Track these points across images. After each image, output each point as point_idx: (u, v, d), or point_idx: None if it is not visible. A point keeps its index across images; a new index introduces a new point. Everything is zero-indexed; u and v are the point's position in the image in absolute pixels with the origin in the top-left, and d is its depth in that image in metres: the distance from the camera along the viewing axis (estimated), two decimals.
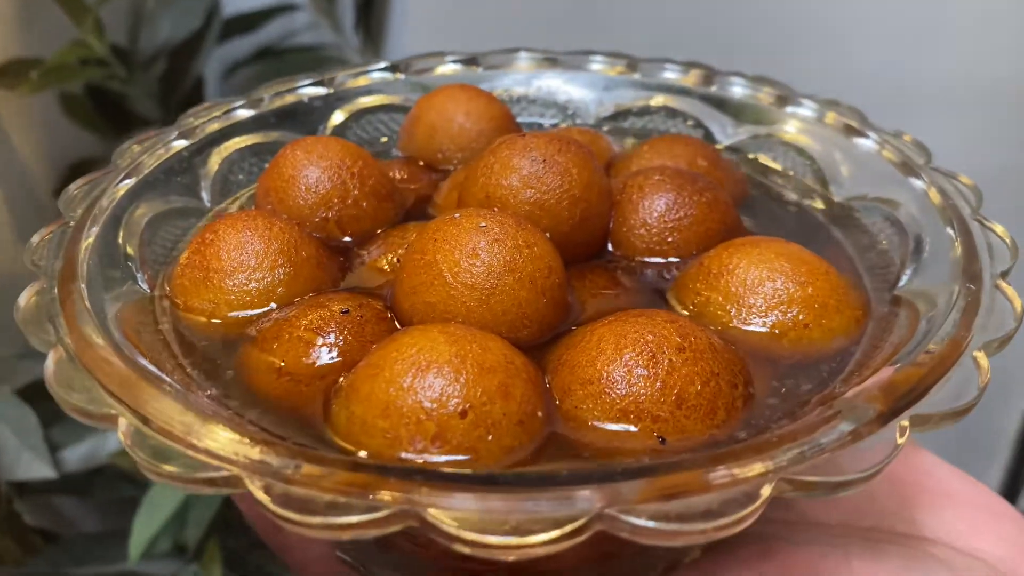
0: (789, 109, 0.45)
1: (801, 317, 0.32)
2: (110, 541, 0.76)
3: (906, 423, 0.25)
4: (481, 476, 0.24)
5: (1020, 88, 0.79)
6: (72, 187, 0.37)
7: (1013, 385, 0.95)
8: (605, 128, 0.51)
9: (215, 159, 0.43)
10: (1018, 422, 1.05)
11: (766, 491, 0.22)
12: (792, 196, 0.43)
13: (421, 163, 0.46)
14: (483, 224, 0.32)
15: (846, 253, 0.38)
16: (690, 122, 0.49)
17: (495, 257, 0.31)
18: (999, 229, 0.33)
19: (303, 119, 0.48)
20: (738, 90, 0.47)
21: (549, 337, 0.32)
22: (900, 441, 0.24)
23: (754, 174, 0.45)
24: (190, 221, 0.41)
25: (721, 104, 0.48)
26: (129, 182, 0.38)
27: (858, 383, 0.29)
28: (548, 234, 0.34)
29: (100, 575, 0.74)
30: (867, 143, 0.41)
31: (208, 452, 0.24)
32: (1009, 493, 1.05)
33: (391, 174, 0.45)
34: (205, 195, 0.42)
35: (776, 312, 0.32)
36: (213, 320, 0.34)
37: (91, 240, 0.34)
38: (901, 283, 0.34)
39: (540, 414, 0.28)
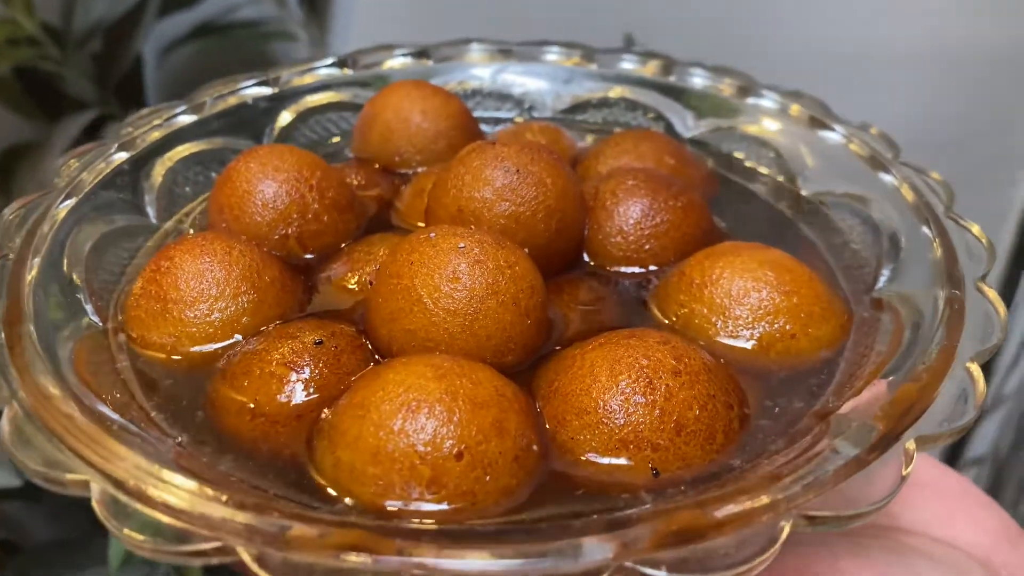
0: (751, 100, 0.45)
1: (788, 327, 0.31)
2: (74, 548, 0.73)
3: (912, 445, 0.24)
4: (491, 531, 0.23)
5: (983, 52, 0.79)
6: (7, 212, 0.34)
7: None
8: (563, 121, 0.49)
9: (158, 170, 0.41)
10: None
11: (784, 531, 0.22)
12: (759, 191, 0.43)
13: (377, 166, 0.44)
14: (462, 244, 0.30)
15: (819, 253, 0.38)
16: (651, 115, 0.48)
17: (477, 280, 0.29)
18: (975, 229, 0.33)
19: (249, 122, 0.45)
20: (698, 81, 0.46)
21: (533, 360, 0.31)
22: (906, 472, 0.24)
23: (719, 168, 0.45)
24: (137, 241, 0.38)
25: (681, 95, 0.47)
26: (69, 203, 0.36)
27: (851, 396, 0.29)
28: (523, 244, 0.33)
29: None
30: (834, 136, 0.41)
31: (194, 519, 0.22)
32: None
33: (348, 180, 0.43)
34: (151, 211, 0.40)
35: (763, 324, 0.31)
36: (174, 356, 0.32)
37: (34, 273, 0.32)
38: (879, 285, 0.34)
39: (535, 448, 0.27)
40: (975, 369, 0.27)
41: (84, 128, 0.70)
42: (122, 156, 0.39)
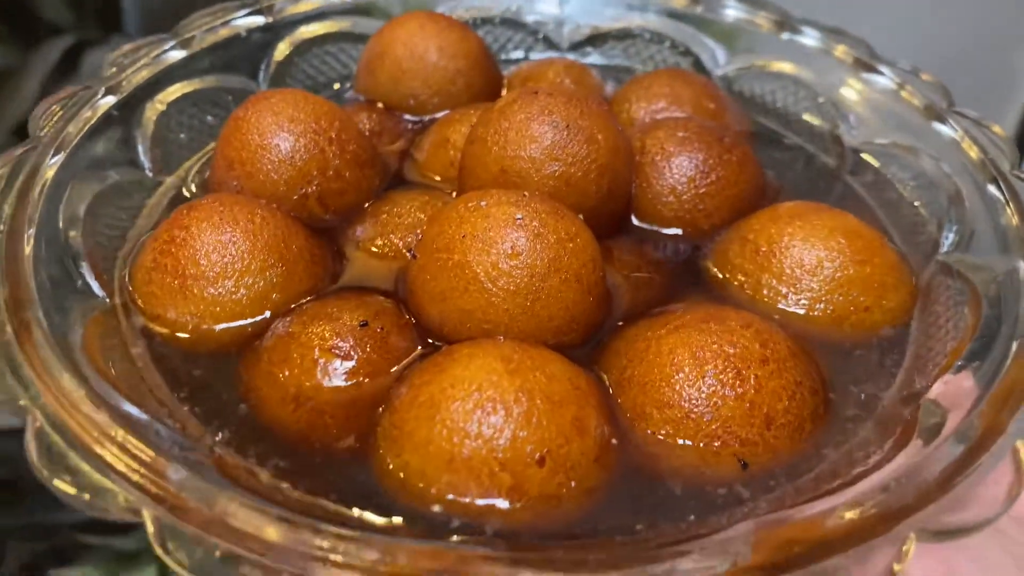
0: (787, 36, 0.42)
1: (862, 299, 0.30)
2: None
3: (1020, 444, 0.23)
4: (601, 557, 0.21)
5: None
6: None
7: None
8: (581, 55, 0.46)
9: (150, 115, 0.37)
10: None
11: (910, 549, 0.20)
12: (798, 141, 0.40)
13: (383, 106, 0.41)
14: (519, 216, 0.27)
15: (871, 211, 0.36)
16: (679, 49, 0.45)
17: (538, 256, 0.27)
18: None
19: (242, 58, 0.41)
20: (731, 13, 0.43)
21: (595, 338, 0.29)
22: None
23: (754, 113, 0.42)
24: (134, 199, 0.34)
25: (711, 28, 0.44)
26: (58, 159, 0.32)
27: (937, 377, 0.27)
28: (573, 208, 0.30)
29: (73, 522, 0.68)
30: (883, 80, 0.38)
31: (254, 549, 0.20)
32: None
33: (359, 119, 0.39)
34: (145, 162, 0.36)
35: (837, 295, 0.29)
36: (196, 336, 0.28)
37: (31, 245, 0.28)
38: (943, 249, 0.33)
39: (615, 442, 0.25)
40: None
41: (62, 53, 0.64)
42: (109, 100, 0.35)
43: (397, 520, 0.23)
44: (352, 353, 0.27)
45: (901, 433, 0.25)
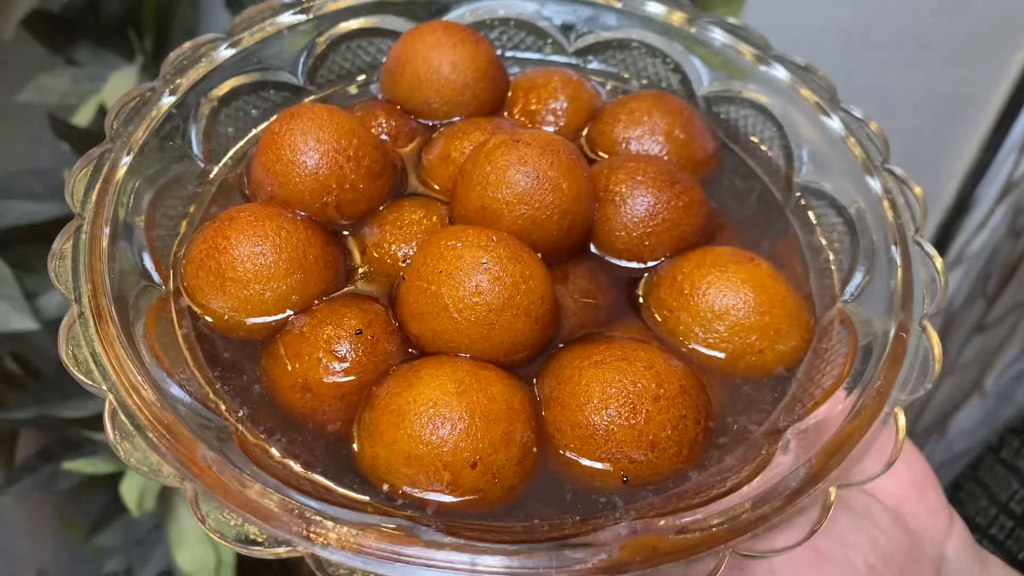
0: (764, 69, 0.47)
1: (757, 344, 0.37)
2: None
3: (833, 490, 0.31)
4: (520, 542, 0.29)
5: None
6: (75, 172, 0.38)
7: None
8: (584, 60, 0.51)
9: (203, 110, 0.44)
10: (933, 230, 1.13)
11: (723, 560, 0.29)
12: (757, 167, 0.46)
13: (402, 108, 0.47)
14: (484, 261, 0.35)
15: (798, 249, 0.42)
16: (669, 64, 0.50)
17: (495, 296, 0.34)
18: (938, 263, 0.37)
19: (283, 52, 0.47)
20: (718, 38, 0.48)
21: (541, 354, 0.37)
22: (824, 520, 0.30)
23: (726, 138, 0.48)
24: (187, 188, 0.42)
25: (700, 50, 0.49)
26: (128, 159, 0.39)
27: (796, 420, 0.35)
28: (537, 242, 0.37)
29: (81, 416, 0.79)
30: (835, 126, 0.44)
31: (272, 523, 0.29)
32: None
33: (377, 123, 0.46)
34: (198, 153, 0.43)
35: (737, 339, 0.37)
36: (232, 324, 0.37)
37: (106, 243, 0.36)
38: (844, 296, 0.39)
39: (535, 450, 0.33)
40: (900, 417, 0.33)
41: None
42: (169, 100, 0.42)
43: (364, 497, 0.32)
44: (347, 356, 0.35)
45: (758, 464, 0.33)
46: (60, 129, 0.76)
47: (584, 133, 0.47)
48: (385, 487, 0.32)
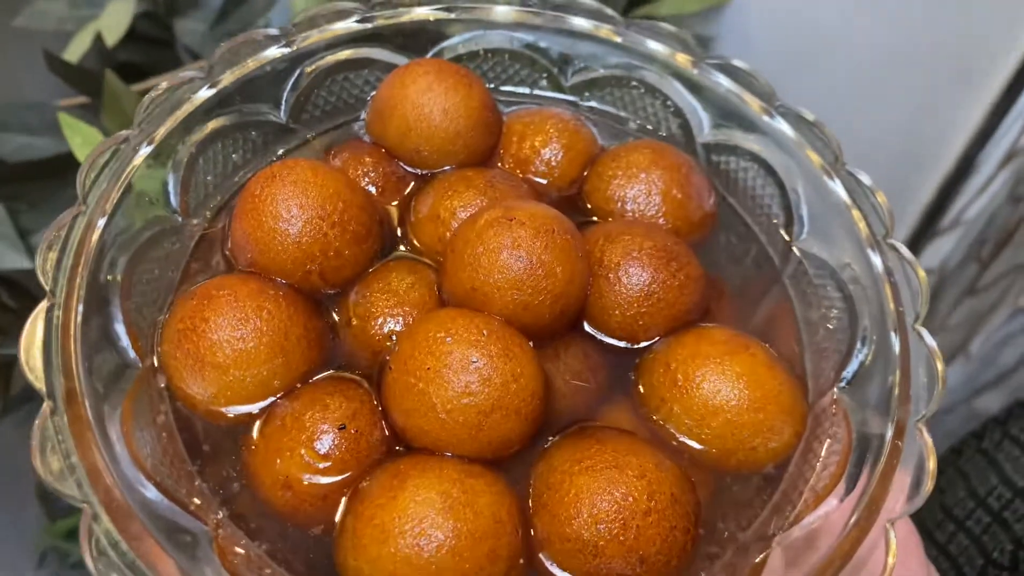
0: (768, 120, 0.45)
1: (750, 440, 0.36)
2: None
3: None
4: None
5: None
6: (43, 245, 0.36)
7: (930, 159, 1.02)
8: (580, 96, 0.49)
9: (180, 159, 0.41)
10: (931, 193, 1.13)
11: None
12: (755, 229, 0.45)
13: (389, 153, 0.45)
14: (475, 360, 0.33)
15: (794, 325, 0.41)
16: (669, 107, 0.48)
17: (485, 397, 0.33)
18: (939, 363, 0.36)
19: (265, 88, 0.44)
20: (723, 84, 0.46)
21: (530, 445, 0.36)
22: None
23: (724, 191, 0.46)
24: (164, 247, 0.40)
25: (702, 94, 0.47)
26: (102, 222, 0.37)
27: (788, 523, 0.34)
28: (528, 326, 0.36)
29: None
30: (839, 193, 0.42)
31: None
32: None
33: (364, 171, 0.44)
34: (174, 203, 0.41)
35: (730, 435, 0.36)
36: (210, 410, 0.36)
37: (79, 319, 0.35)
38: (840, 382, 0.38)
39: (521, 561, 0.33)
40: (892, 537, 0.32)
41: None
42: (144, 152, 0.40)
43: None
44: (331, 453, 0.34)
45: (747, 575, 0.33)
46: (54, 65, 0.73)
47: (580, 183, 0.46)
48: None
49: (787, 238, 0.44)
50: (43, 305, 0.35)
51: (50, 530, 0.94)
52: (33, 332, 0.34)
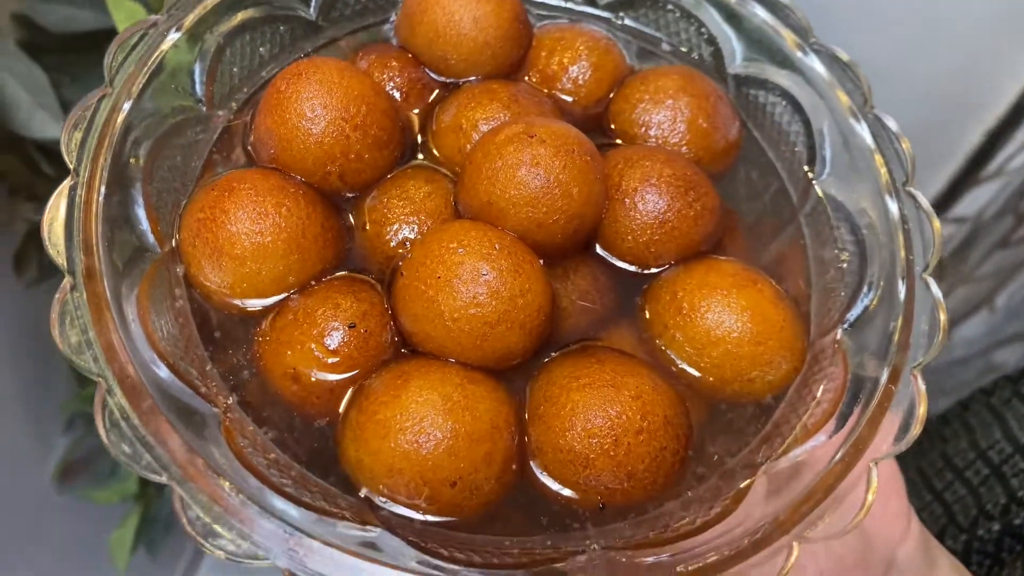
0: (801, 56, 0.44)
1: (748, 372, 0.37)
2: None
3: (796, 546, 0.32)
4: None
5: None
6: (67, 124, 0.36)
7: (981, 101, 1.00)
8: (615, 14, 0.48)
9: (208, 48, 0.41)
10: (978, 138, 1.11)
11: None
12: (777, 162, 0.45)
13: (416, 59, 0.45)
14: (484, 273, 0.34)
15: (805, 264, 0.41)
16: (703, 34, 0.47)
17: (492, 309, 0.34)
18: (942, 313, 0.37)
19: None
20: (760, 15, 0.45)
21: (533, 359, 0.37)
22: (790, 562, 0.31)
23: (750, 123, 0.46)
24: (187, 135, 0.40)
25: (739, 24, 0.46)
26: (127, 105, 0.38)
27: (776, 453, 0.35)
28: (541, 243, 0.37)
29: None
30: (864, 136, 0.42)
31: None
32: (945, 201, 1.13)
33: (389, 75, 0.44)
34: (200, 96, 0.41)
35: (728, 365, 0.37)
36: (224, 300, 0.37)
37: (101, 199, 0.35)
38: (843, 323, 0.39)
39: (514, 467, 0.34)
40: (874, 476, 0.33)
41: None
42: (172, 38, 0.40)
43: (345, 499, 0.33)
44: (339, 350, 0.35)
45: (731, 501, 0.34)
46: None
47: (606, 103, 0.45)
48: (363, 493, 0.33)
49: (809, 176, 0.44)
50: (67, 183, 0.35)
51: (79, 396, 0.97)
52: (56, 209, 0.35)
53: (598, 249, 0.40)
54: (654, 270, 0.40)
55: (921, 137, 0.40)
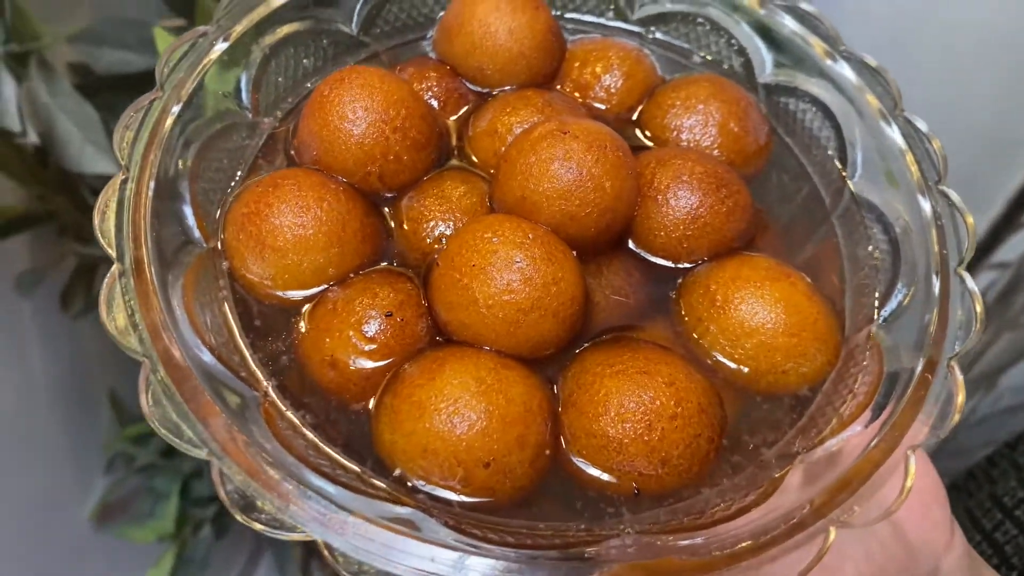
0: (831, 64, 0.45)
1: (782, 364, 0.37)
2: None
3: (833, 531, 0.31)
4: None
5: None
6: (121, 125, 0.38)
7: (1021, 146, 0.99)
8: (648, 32, 0.50)
9: (254, 58, 0.43)
10: (1019, 182, 1.10)
11: None
12: (810, 167, 0.45)
13: (453, 70, 0.46)
14: (518, 260, 0.35)
15: (839, 263, 0.42)
16: (733, 45, 0.48)
17: (525, 296, 0.35)
18: (978, 304, 0.37)
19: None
20: (788, 25, 0.46)
21: (566, 350, 0.37)
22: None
23: (781, 131, 0.46)
24: (233, 140, 0.42)
25: (767, 34, 0.47)
26: (177, 108, 0.39)
27: (813, 443, 0.35)
28: (574, 237, 0.37)
29: None
30: (895, 137, 0.42)
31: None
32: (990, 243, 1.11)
33: (428, 84, 0.45)
34: (246, 104, 0.43)
35: (763, 357, 0.37)
36: (266, 291, 0.38)
37: (150, 195, 0.37)
38: (878, 320, 0.39)
39: (548, 452, 0.34)
40: (912, 462, 0.33)
41: None
42: (221, 47, 0.42)
43: (380, 482, 0.33)
44: (376, 337, 0.36)
45: (766, 489, 0.34)
46: None
47: (638, 112, 0.46)
48: (398, 472, 0.33)
49: (842, 178, 0.44)
50: (118, 177, 0.37)
51: (121, 436, 0.99)
52: (107, 200, 0.36)
53: (631, 245, 0.41)
54: (687, 265, 0.40)
55: (959, 184, 0.40)
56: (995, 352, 1.28)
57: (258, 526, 0.30)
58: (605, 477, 0.34)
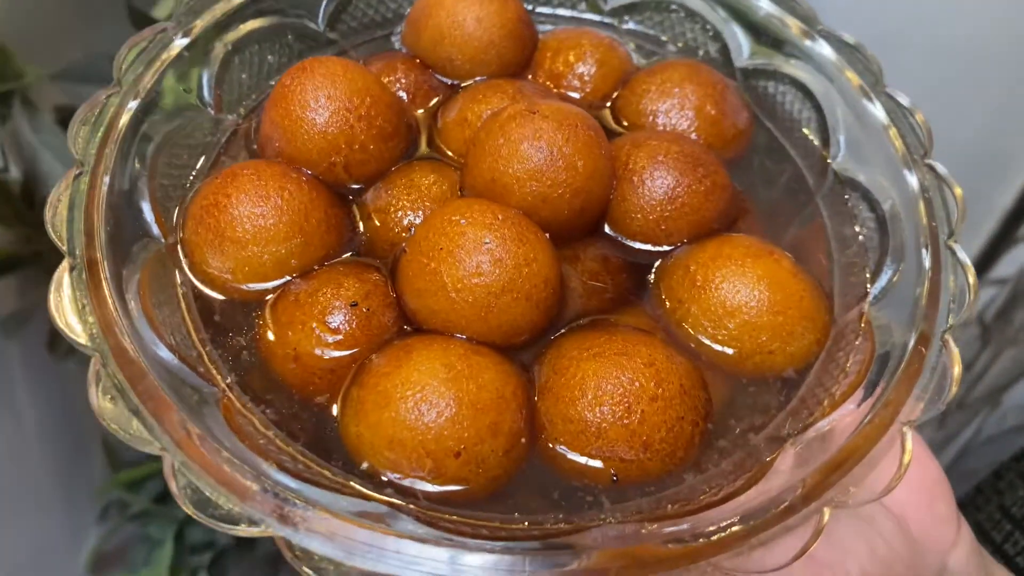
0: (809, 44, 0.44)
1: (768, 343, 0.35)
2: None
3: (827, 511, 0.29)
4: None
5: None
6: (77, 119, 0.37)
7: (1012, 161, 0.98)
8: (618, 19, 0.49)
9: (217, 55, 0.42)
10: (1013, 197, 1.09)
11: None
12: (792, 149, 0.44)
13: (422, 63, 0.45)
14: (487, 241, 0.33)
15: (825, 241, 0.40)
16: (709, 31, 0.47)
17: (496, 278, 0.33)
18: (970, 274, 0.35)
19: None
20: (764, 7, 0.45)
21: (542, 337, 0.35)
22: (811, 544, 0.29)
23: (761, 114, 0.45)
24: (194, 138, 0.41)
25: (743, 18, 0.46)
26: (135, 104, 0.38)
27: (803, 426, 0.33)
28: (547, 220, 0.36)
29: None
30: (877, 114, 0.41)
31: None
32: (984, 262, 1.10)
33: (396, 77, 0.44)
34: (208, 98, 0.42)
35: (747, 337, 0.35)
36: (227, 285, 0.36)
37: (104, 190, 0.35)
38: (868, 297, 0.37)
39: (524, 440, 0.32)
40: (908, 439, 0.31)
41: None
42: (182, 43, 0.41)
43: (345, 478, 0.31)
44: (341, 328, 0.34)
45: (755, 473, 0.32)
46: (139, 21, 0.75)
47: (612, 100, 0.45)
48: (365, 466, 0.31)
49: (824, 159, 0.43)
50: (72, 171, 0.35)
51: (113, 481, 0.97)
52: (59, 195, 0.35)
53: (608, 230, 0.39)
54: (666, 248, 0.39)
55: None
56: (997, 370, 1.25)
57: (212, 522, 0.28)
58: (585, 464, 0.32)
